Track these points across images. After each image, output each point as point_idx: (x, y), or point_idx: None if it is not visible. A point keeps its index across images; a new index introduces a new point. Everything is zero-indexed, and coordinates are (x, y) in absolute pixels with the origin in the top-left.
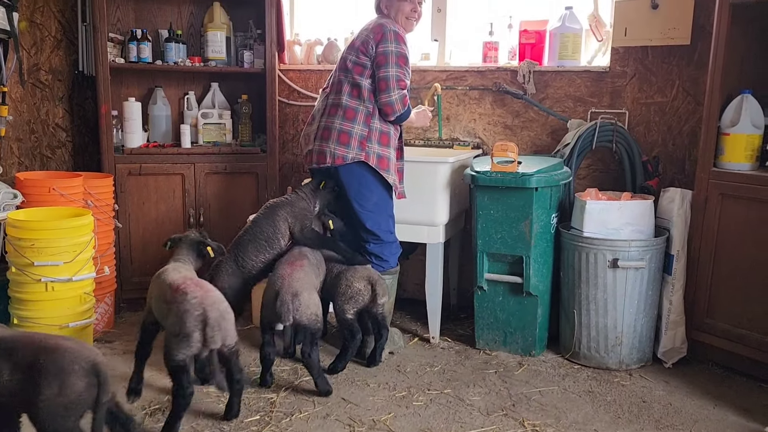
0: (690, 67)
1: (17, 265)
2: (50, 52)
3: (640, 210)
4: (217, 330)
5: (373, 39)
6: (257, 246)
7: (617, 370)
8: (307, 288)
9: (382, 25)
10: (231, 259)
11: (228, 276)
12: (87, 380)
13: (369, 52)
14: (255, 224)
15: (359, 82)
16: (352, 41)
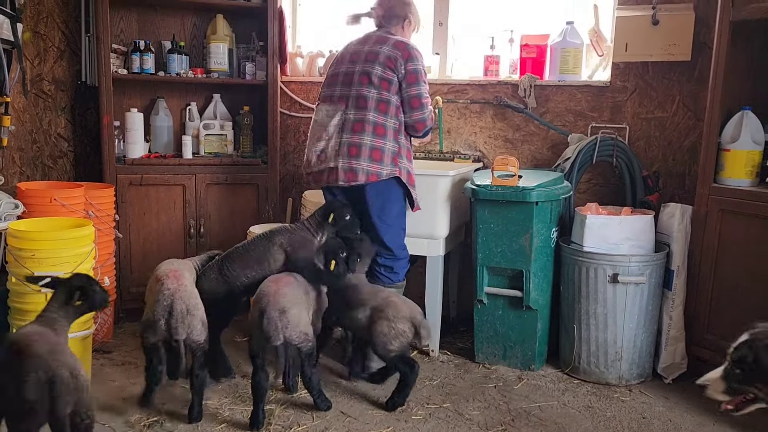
0: (690, 82)
1: (17, 275)
2: (53, 62)
3: (641, 225)
4: (180, 322)
5: (402, 56)
6: (245, 262)
7: (617, 385)
8: (295, 304)
9: (406, 43)
10: (216, 267)
11: (209, 282)
12: None
13: (398, 68)
14: (250, 241)
15: (387, 98)
16: (367, 55)
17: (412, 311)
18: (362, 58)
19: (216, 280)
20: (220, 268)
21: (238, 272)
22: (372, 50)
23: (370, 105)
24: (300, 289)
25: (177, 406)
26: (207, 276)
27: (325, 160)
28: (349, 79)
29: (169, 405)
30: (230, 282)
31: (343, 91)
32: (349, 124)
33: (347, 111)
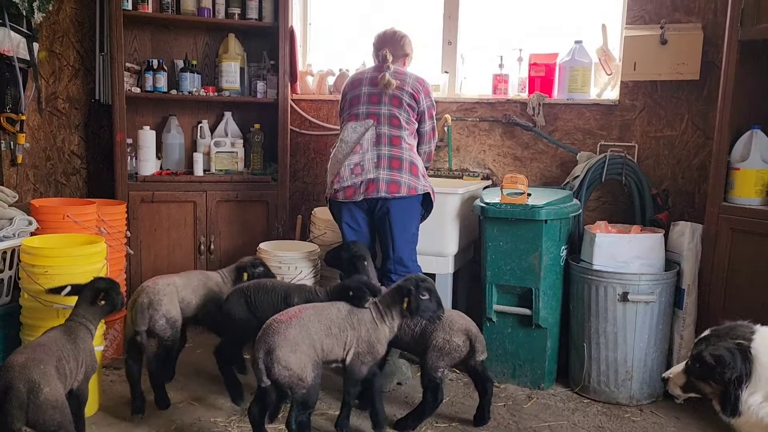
0: (699, 101)
1: (30, 291)
2: (68, 81)
3: (650, 243)
4: (139, 313)
5: (423, 91)
6: (271, 301)
7: (628, 405)
8: (289, 345)
9: (423, 79)
10: (242, 291)
11: (231, 303)
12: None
13: (419, 102)
14: (285, 285)
15: (412, 121)
16: (396, 80)
17: (468, 324)
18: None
19: (239, 303)
20: (245, 292)
21: (263, 303)
22: (399, 78)
23: (402, 125)
24: (313, 326)
25: (191, 419)
26: (232, 296)
27: (362, 172)
28: (376, 99)
29: (180, 420)
30: (252, 307)
31: (371, 108)
32: (386, 138)
33: (380, 126)
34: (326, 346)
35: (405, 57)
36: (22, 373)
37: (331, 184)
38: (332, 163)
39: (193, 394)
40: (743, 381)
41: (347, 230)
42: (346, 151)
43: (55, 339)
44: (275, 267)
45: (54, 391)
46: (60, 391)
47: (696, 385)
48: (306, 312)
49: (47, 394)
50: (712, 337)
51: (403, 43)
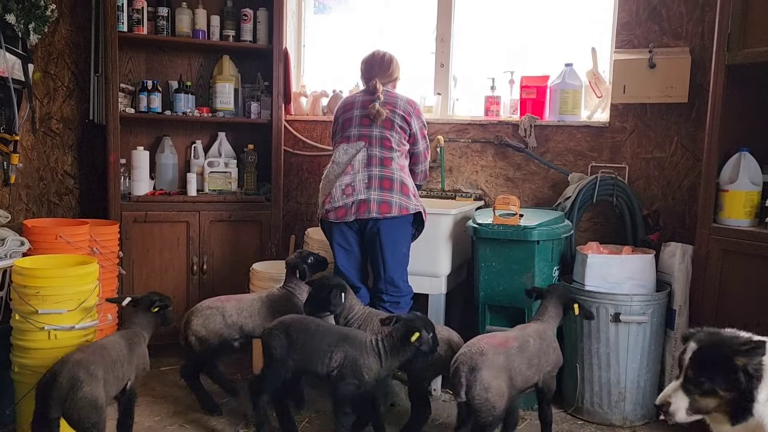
0: (688, 123)
1: (21, 312)
2: (62, 101)
3: (642, 264)
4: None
5: (414, 113)
6: (308, 345)
7: (621, 426)
8: (495, 370)
9: (414, 101)
10: (284, 330)
11: (272, 337)
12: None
13: (411, 123)
14: (323, 330)
15: (405, 144)
16: (386, 105)
17: (450, 334)
18: (386, 105)
19: (280, 338)
20: (288, 334)
21: (298, 348)
22: (389, 101)
23: (393, 147)
24: (514, 360)
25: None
26: (274, 333)
27: (352, 193)
28: (368, 122)
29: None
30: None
31: (362, 131)
32: (376, 159)
33: (371, 148)
34: (526, 378)
35: (394, 82)
36: (70, 368)
37: (323, 204)
38: (324, 184)
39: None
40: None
41: (339, 251)
42: (337, 172)
43: (115, 343)
44: (268, 288)
45: (93, 392)
46: (100, 393)
47: (701, 403)
48: (513, 343)
49: (86, 393)
50: (706, 347)
51: (392, 69)
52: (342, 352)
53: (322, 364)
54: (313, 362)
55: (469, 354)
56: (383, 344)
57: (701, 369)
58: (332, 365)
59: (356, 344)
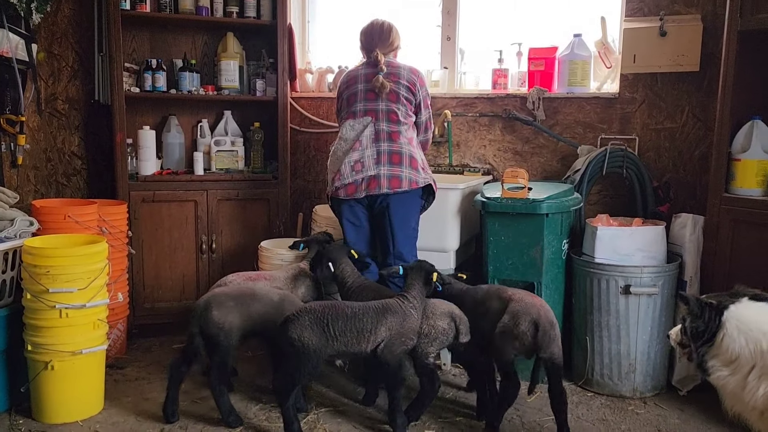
0: (699, 93)
1: (32, 291)
2: (67, 81)
3: (652, 236)
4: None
5: (418, 82)
6: (348, 329)
7: (631, 397)
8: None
9: (418, 70)
10: (316, 318)
11: (304, 328)
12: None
13: (416, 93)
14: (360, 309)
15: (411, 116)
16: (390, 76)
17: (450, 307)
18: (390, 77)
19: (313, 329)
20: (319, 320)
21: (337, 336)
22: (393, 72)
23: (400, 119)
24: None
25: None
26: (302, 321)
27: (362, 169)
28: (373, 96)
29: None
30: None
31: (368, 105)
32: (384, 134)
33: (378, 123)
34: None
35: (395, 51)
36: (207, 296)
37: (332, 181)
38: (332, 161)
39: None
40: (705, 339)
41: (348, 227)
42: (345, 148)
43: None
44: (277, 265)
45: (220, 316)
46: (226, 318)
47: (687, 342)
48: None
49: (214, 316)
50: (699, 298)
51: (392, 38)
52: (385, 326)
53: (367, 343)
54: (357, 344)
55: (544, 309)
56: (412, 297)
57: (689, 315)
58: (377, 341)
59: (394, 311)
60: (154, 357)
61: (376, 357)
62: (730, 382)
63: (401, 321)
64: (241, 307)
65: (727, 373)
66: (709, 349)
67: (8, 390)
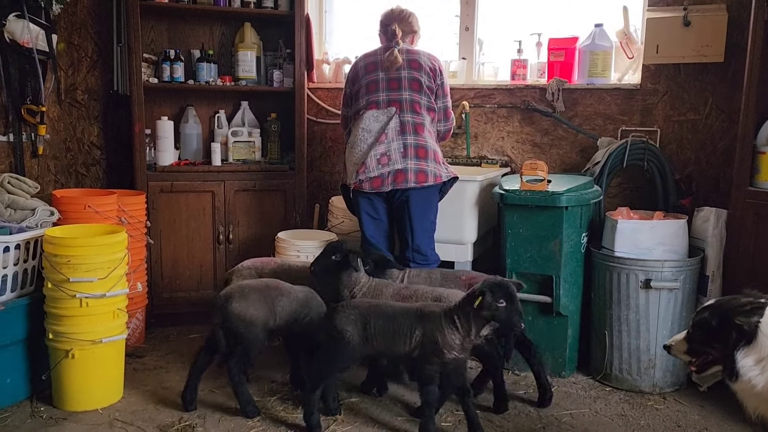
0: (723, 84)
1: (53, 280)
2: (86, 72)
3: (674, 229)
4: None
5: (439, 69)
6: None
7: (651, 393)
8: None
9: (436, 57)
10: (361, 316)
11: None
12: None
13: (436, 80)
14: (398, 310)
15: (433, 106)
16: (410, 63)
17: (446, 292)
18: (405, 65)
19: (356, 325)
20: (365, 321)
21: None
22: (413, 59)
23: (423, 110)
24: None
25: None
26: (348, 314)
27: (388, 163)
28: (395, 84)
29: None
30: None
31: (391, 95)
32: (410, 126)
33: (403, 114)
34: None
35: (413, 34)
36: (229, 288)
37: (356, 174)
38: (354, 153)
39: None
40: (747, 340)
41: (367, 220)
42: (370, 140)
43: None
44: (293, 256)
45: (241, 308)
46: (248, 310)
47: (699, 350)
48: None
49: (235, 308)
50: (713, 304)
51: (411, 20)
52: (420, 330)
53: (404, 345)
54: (395, 345)
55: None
56: (457, 314)
57: (699, 324)
58: (412, 344)
59: (432, 319)
60: (172, 346)
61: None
62: (760, 382)
63: (434, 330)
64: (266, 300)
65: (758, 372)
66: (746, 349)
67: (30, 378)
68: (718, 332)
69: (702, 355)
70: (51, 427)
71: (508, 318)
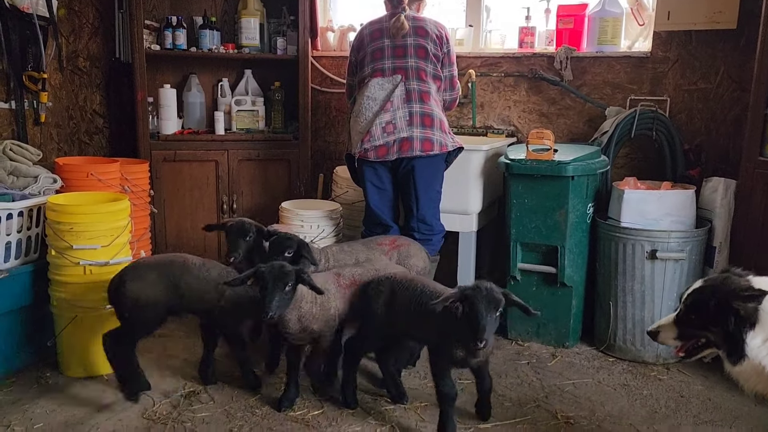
0: (736, 52)
1: (57, 248)
2: (88, 39)
3: (681, 200)
4: None
5: (445, 37)
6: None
7: (654, 363)
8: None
9: (442, 24)
10: (389, 285)
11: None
12: None
13: (442, 48)
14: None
15: (439, 74)
16: (417, 30)
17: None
18: (411, 32)
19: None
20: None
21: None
22: (419, 26)
23: (429, 78)
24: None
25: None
26: (378, 289)
27: (394, 131)
28: (401, 52)
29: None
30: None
31: (396, 63)
32: (416, 94)
33: (409, 82)
34: None
35: (419, 1)
36: (122, 269)
37: (361, 142)
38: (359, 121)
39: None
40: (750, 324)
41: (371, 190)
42: (375, 108)
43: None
44: (297, 225)
45: (135, 289)
46: (143, 292)
47: (692, 334)
48: None
49: (128, 290)
50: (706, 288)
51: None
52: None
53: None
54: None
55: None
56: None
57: (693, 308)
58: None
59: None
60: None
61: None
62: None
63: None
64: (167, 278)
65: (766, 352)
66: (752, 331)
67: (35, 344)
68: (715, 315)
69: (693, 339)
70: (56, 393)
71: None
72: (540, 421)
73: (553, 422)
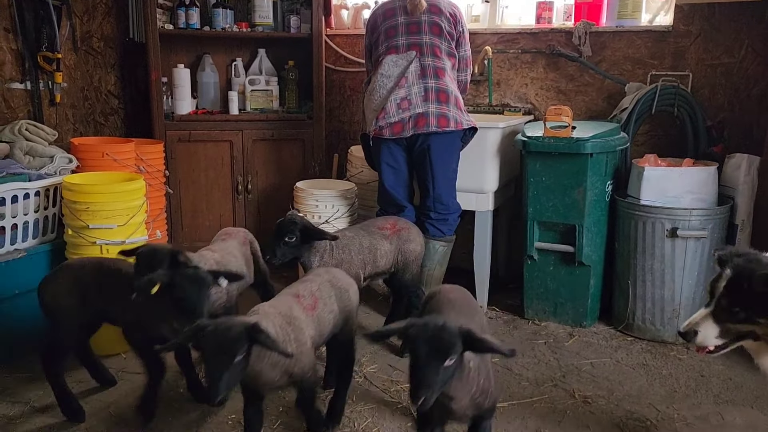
0: (761, 25)
1: (73, 227)
2: (102, 19)
3: (703, 177)
4: None
5: (459, 15)
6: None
7: (673, 343)
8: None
9: (456, 4)
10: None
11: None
12: None
13: (456, 27)
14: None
15: (453, 52)
16: (431, 7)
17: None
18: (425, 9)
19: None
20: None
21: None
22: (433, 3)
23: (443, 55)
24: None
25: None
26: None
27: (409, 107)
28: (415, 28)
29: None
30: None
31: (411, 39)
32: (431, 70)
33: (423, 58)
34: None
35: None
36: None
37: (375, 120)
38: (373, 99)
39: None
40: None
41: (386, 170)
42: (389, 85)
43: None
44: (312, 205)
45: (53, 295)
46: (66, 300)
47: (738, 330)
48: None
49: (46, 295)
50: (752, 275)
51: None
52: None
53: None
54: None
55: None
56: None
57: (737, 299)
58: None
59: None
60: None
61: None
62: None
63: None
64: (82, 283)
65: None
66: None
67: None
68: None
69: (737, 335)
70: (75, 371)
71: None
72: (557, 400)
73: (571, 401)
